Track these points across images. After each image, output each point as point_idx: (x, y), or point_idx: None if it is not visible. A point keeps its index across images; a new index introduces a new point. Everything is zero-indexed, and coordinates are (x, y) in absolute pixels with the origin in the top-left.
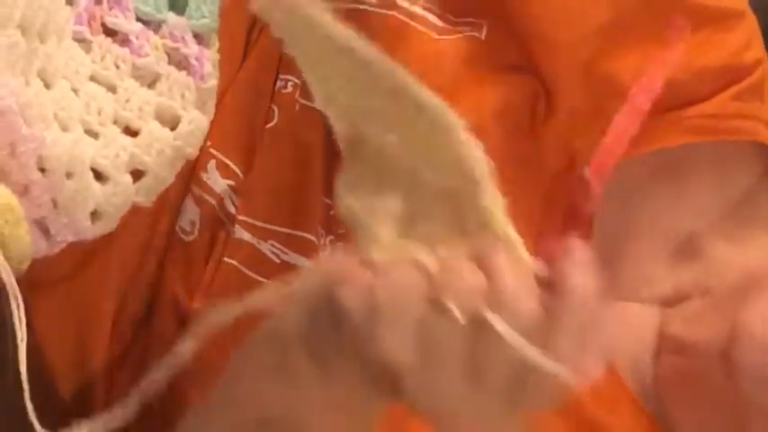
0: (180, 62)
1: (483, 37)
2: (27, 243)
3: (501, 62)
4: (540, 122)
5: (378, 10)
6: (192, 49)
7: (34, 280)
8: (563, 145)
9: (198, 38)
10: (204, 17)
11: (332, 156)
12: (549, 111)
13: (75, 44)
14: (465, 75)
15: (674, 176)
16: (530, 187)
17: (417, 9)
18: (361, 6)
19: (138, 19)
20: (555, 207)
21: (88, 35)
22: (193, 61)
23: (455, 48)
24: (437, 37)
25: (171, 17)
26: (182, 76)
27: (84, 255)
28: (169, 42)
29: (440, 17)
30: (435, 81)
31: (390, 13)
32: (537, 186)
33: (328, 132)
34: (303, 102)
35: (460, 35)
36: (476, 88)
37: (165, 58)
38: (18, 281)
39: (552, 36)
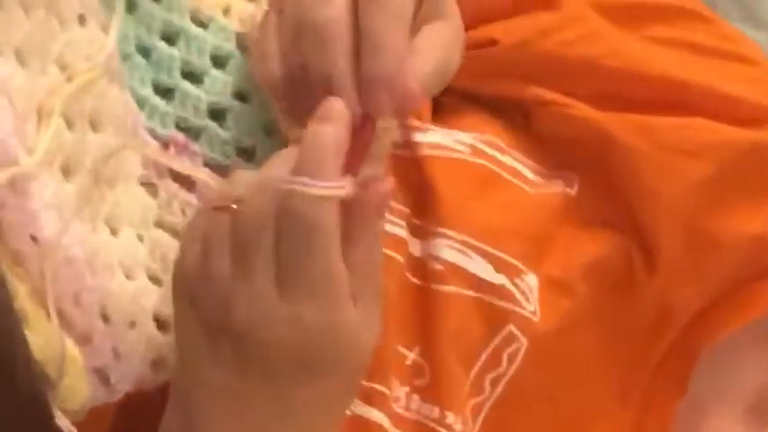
0: None
1: (575, 192)
2: (86, 395)
3: (592, 218)
4: (637, 280)
5: (468, 158)
6: None
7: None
8: (657, 303)
9: None
10: None
11: (407, 304)
12: (650, 268)
13: (142, 189)
14: (554, 230)
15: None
16: (616, 345)
17: (508, 159)
18: (454, 154)
19: (206, 164)
20: (643, 365)
21: (155, 179)
22: None
23: (546, 202)
24: (528, 190)
25: (239, 162)
26: None
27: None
28: None
29: (532, 169)
30: (525, 234)
31: (479, 161)
32: (624, 344)
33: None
34: None
35: (552, 190)
36: (565, 244)
37: None
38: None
39: (655, 189)
